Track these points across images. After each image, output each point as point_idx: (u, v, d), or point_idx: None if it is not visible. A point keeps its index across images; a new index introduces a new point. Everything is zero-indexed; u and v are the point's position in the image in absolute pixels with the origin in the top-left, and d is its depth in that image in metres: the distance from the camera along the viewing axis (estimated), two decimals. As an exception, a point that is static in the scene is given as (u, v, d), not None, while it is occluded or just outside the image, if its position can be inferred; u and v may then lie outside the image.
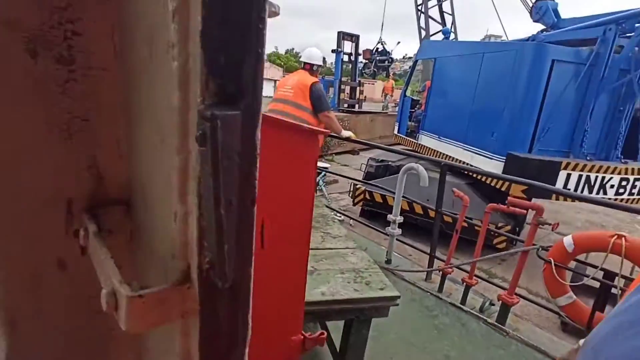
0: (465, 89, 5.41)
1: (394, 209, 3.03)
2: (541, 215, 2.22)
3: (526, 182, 2.48)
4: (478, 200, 4.88)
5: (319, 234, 1.92)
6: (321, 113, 3.47)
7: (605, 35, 4.29)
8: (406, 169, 2.84)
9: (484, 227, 2.54)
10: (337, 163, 10.48)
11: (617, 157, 4.74)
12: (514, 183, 3.79)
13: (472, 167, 4.74)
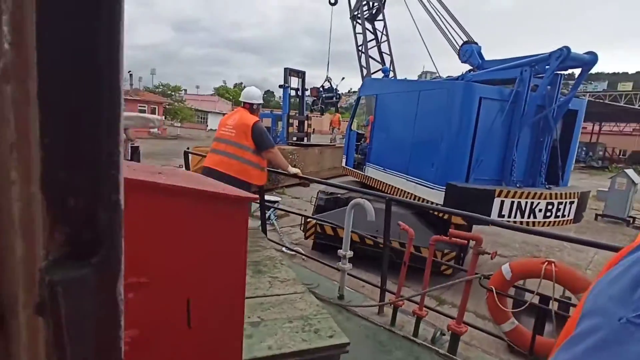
0: (406, 123, 5.68)
1: (344, 243, 3.02)
2: (480, 244, 2.31)
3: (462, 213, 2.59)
4: (424, 229, 5.04)
5: (266, 279, 1.84)
6: (265, 151, 3.45)
7: (522, 75, 4.76)
8: (353, 204, 2.87)
9: (429, 259, 2.59)
10: (288, 196, 10.42)
11: (542, 183, 5.15)
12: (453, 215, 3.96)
13: (414, 201, 4.91)
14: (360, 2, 12.40)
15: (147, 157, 15.89)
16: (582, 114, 5.53)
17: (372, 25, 12.76)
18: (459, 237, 2.39)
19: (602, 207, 10.92)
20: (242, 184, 3.42)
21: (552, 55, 4.52)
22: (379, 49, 12.60)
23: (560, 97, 4.99)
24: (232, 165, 3.38)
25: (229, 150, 3.40)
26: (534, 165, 5.17)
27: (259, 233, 2.34)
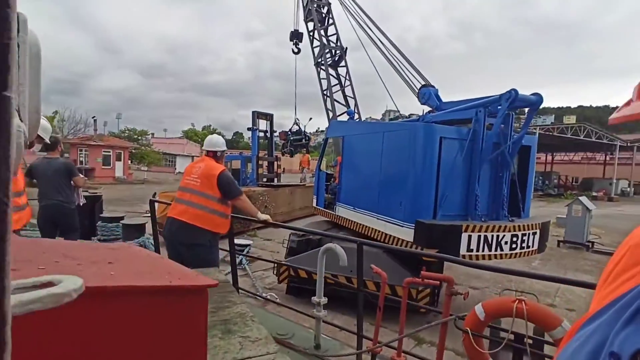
0: (372, 163, 5.81)
1: (317, 290, 2.95)
2: (452, 285, 2.32)
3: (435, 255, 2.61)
4: (397, 267, 5.03)
5: (236, 339, 1.74)
6: (233, 200, 3.40)
7: (477, 116, 5.05)
8: (325, 249, 2.83)
9: (404, 301, 2.56)
10: (259, 238, 10.20)
11: (505, 216, 5.34)
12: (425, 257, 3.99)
13: (385, 244, 4.92)
14: (323, 50, 13.04)
15: (111, 204, 15.25)
16: (534, 149, 5.89)
17: (336, 71, 13.39)
18: (431, 279, 2.39)
19: (562, 233, 11.40)
20: (207, 234, 3.32)
21: (502, 97, 4.85)
22: (343, 92, 13.17)
23: (514, 134, 5.31)
24: (197, 215, 3.30)
25: (194, 199, 3.33)
26: (496, 199, 5.37)
27: (228, 286, 2.24)
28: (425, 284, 2.41)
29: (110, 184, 26.09)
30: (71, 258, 0.64)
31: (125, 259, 0.77)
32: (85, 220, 6.25)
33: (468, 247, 4.77)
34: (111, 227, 5.65)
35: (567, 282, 2.04)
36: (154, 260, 0.83)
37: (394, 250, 4.90)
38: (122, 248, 0.92)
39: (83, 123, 29.20)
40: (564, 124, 28.81)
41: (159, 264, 0.82)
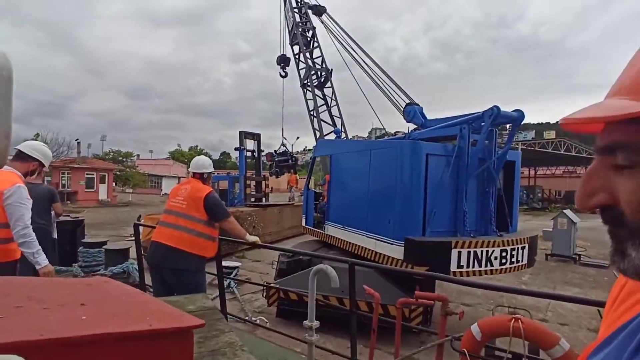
0: (360, 181, 5.81)
1: (309, 313, 2.86)
2: (447, 305, 2.28)
3: (427, 274, 2.57)
4: (389, 286, 4.97)
5: (225, 371, 1.66)
6: (221, 222, 3.32)
7: (462, 132, 5.12)
8: (315, 271, 2.76)
9: (398, 323, 2.50)
10: (248, 259, 10.01)
11: (494, 231, 5.35)
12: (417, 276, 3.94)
13: (377, 264, 4.86)
14: (308, 72, 13.32)
15: (94, 228, 14.87)
16: (519, 164, 5.98)
17: (322, 91, 13.65)
18: (425, 298, 2.34)
19: (549, 246, 11.51)
20: (193, 258, 3.22)
21: (485, 114, 4.94)
22: (329, 112, 13.41)
23: (498, 149, 5.39)
24: (182, 238, 3.20)
25: (180, 222, 3.24)
26: (484, 214, 5.39)
27: (216, 313, 2.14)
28: (419, 304, 2.35)
29: (93, 207, 25.49)
30: (37, 300, 0.57)
31: (101, 297, 0.70)
32: (66, 246, 6.04)
33: (458, 263, 4.74)
34: (93, 253, 5.44)
35: (560, 299, 2.01)
36: (134, 298, 0.76)
37: (385, 270, 4.83)
38: (98, 284, 0.85)
39: (66, 145, 28.69)
40: (545, 139, 29.59)
41: (139, 303, 0.75)
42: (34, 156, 3.32)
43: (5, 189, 2.84)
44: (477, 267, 4.89)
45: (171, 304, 2.41)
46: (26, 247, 2.82)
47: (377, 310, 2.71)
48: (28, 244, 2.82)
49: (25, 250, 2.83)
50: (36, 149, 3.37)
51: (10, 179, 2.95)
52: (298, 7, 14.18)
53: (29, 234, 2.83)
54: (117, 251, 5.46)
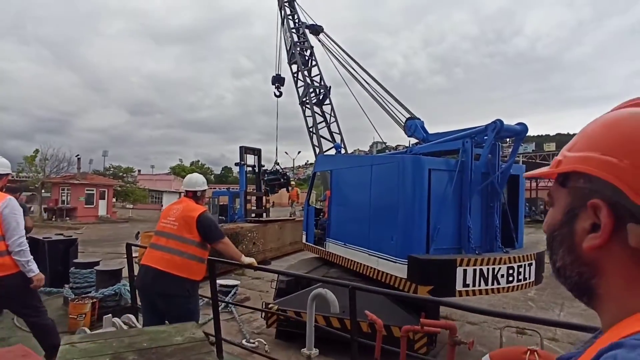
0: (362, 197, 5.67)
1: (307, 341, 2.69)
2: (455, 334, 2.11)
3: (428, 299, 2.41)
4: (393, 307, 4.78)
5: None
6: (215, 243, 3.17)
7: (464, 147, 5.01)
8: (314, 295, 2.61)
9: (403, 353, 2.33)
10: (247, 277, 9.78)
11: (499, 247, 5.18)
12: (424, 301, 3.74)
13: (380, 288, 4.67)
14: (307, 90, 13.43)
15: (92, 245, 14.69)
16: (523, 178, 5.84)
17: (321, 109, 13.79)
18: (431, 326, 2.18)
19: (554, 261, 11.27)
20: (185, 282, 3.06)
21: (488, 127, 4.83)
22: (328, 129, 13.52)
23: (502, 163, 5.26)
24: (173, 261, 3.03)
25: (171, 244, 3.08)
26: (489, 230, 5.23)
27: (205, 347, 1.99)
28: (425, 332, 2.19)
29: (93, 223, 25.31)
30: None
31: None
32: (58, 266, 5.88)
33: (464, 282, 4.56)
34: (85, 274, 5.26)
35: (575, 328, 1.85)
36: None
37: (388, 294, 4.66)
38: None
39: (67, 161, 28.62)
40: (545, 152, 29.58)
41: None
42: None
43: (1, 202, 3.03)
44: (484, 285, 4.71)
45: (159, 335, 2.24)
46: (21, 256, 3.01)
47: (380, 338, 2.54)
48: (23, 252, 3.02)
49: (20, 259, 3.01)
50: None
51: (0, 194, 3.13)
52: (296, 27, 14.39)
53: (24, 243, 3.04)
54: (108, 272, 5.29)
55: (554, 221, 0.58)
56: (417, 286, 4.52)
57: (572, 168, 0.54)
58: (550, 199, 0.61)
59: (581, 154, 0.54)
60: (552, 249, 0.59)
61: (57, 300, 5.60)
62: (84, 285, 5.22)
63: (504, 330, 5.05)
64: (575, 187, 0.54)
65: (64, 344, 1.94)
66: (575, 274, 0.55)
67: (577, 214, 0.53)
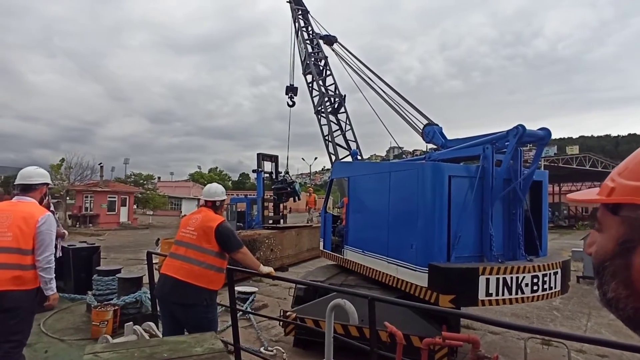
0: (380, 204, 5.61)
1: (326, 353, 2.65)
2: (478, 348, 2.04)
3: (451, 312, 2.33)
4: (413, 316, 4.69)
5: None
6: (233, 253, 3.17)
7: (485, 152, 4.90)
8: (333, 306, 2.57)
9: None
10: (265, 283, 9.79)
11: (523, 255, 5.03)
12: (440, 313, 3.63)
13: (401, 300, 4.61)
14: (322, 99, 13.55)
15: (114, 251, 15.01)
16: (546, 184, 5.68)
17: (336, 117, 13.89)
18: (453, 339, 2.12)
19: (580, 267, 10.88)
20: (203, 292, 3.07)
21: (509, 133, 4.72)
22: (344, 137, 13.62)
23: (524, 169, 5.12)
24: (192, 271, 3.05)
25: (190, 254, 3.10)
26: (512, 237, 5.09)
27: (224, 357, 1.98)
28: (446, 345, 2.12)
29: (114, 229, 25.91)
30: None
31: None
32: (81, 273, 6.02)
33: (487, 291, 4.43)
34: (107, 281, 5.37)
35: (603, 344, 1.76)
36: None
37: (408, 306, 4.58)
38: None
39: (90, 169, 29.50)
40: (569, 155, 28.74)
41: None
42: (40, 182, 3.43)
43: (40, 216, 3.10)
44: (507, 294, 4.56)
45: (179, 346, 2.24)
46: (47, 273, 3.03)
47: (401, 350, 2.48)
48: (50, 270, 3.05)
49: (45, 276, 3.02)
50: (38, 174, 3.45)
51: (40, 208, 3.23)
52: (310, 38, 14.62)
53: (52, 261, 3.09)
54: (129, 280, 5.39)
55: (605, 250, 0.55)
56: (438, 295, 4.42)
57: (629, 200, 0.51)
58: (597, 224, 0.57)
59: (638, 183, 0.51)
60: (602, 279, 0.56)
61: (80, 307, 5.73)
62: (106, 292, 5.33)
63: (528, 341, 4.87)
64: (632, 218, 0.51)
65: (87, 354, 1.97)
66: (631, 308, 0.52)
67: (634, 247, 0.50)
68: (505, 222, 5.11)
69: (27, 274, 2.98)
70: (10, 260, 2.94)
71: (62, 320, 4.94)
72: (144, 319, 4.62)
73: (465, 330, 6.02)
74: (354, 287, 5.46)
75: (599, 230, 0.57)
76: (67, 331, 4.91)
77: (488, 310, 6.94)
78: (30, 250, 3.01)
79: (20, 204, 3.17)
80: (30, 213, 3.08)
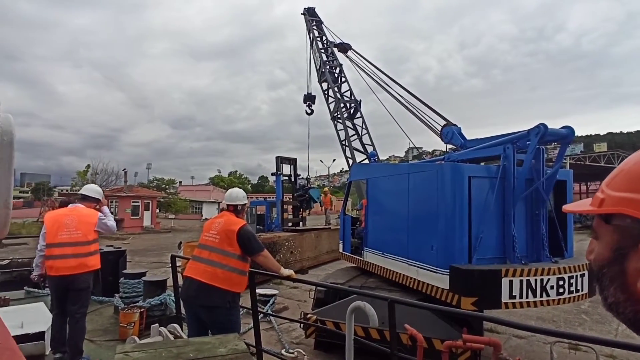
0: (399, 206, 5.60)
1: (347, 355, 2.68)
2: (500, 351, 2.03)
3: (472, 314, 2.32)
4: (434, 318, 4.66)
5: None
6: (254, 256, 3.24)
7: (506, 152, 4.83)
8: (353, 308, 2.60)
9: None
10: (285, 286, 9.88)
11: (547, 257, 4.92)
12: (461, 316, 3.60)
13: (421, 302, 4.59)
14: (338, 105, 13.75)
15: (138, 254, 15.43)
16: (571, 184, 5.54)
17: (352, 122, 14.08)
18: (474, 342, 2.11)
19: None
20: (227, 294, 3.15)
21: (530, 132, 4.64)
22: (360, 141, 13.80)
23: (547, 168, 5.02)
24: (216, 274, 3.14)
25: (213, 257, 3.19)
26: (535, 238, 4.99)
27: (246, 357, 2.04)
28: (467, 348, 2.12)
29: (138, 233, 26.62)
30: None
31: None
32: (109, 276, 6.23)
33: (510, 293, 4.36)
34: (133, 284, 5.56)
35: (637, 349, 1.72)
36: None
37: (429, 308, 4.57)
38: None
39: (115, 175, 30.47)
40: (596, 152, 27.78)
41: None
42: (95, 197, 4.52)
43: (99, 214, 4.40)
44: (532, 297, 4.48)
45: (204, 347, 2.32)
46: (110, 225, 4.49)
47: (421, 353, 2.48)
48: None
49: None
50: (96, 191, 4.58)
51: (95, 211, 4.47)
52: (324, 47, 14.93)
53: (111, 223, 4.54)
54: (154, 282, 5.55)
55: (602, 257, 0.58)
56: (460, 297, 4.38)
57: (617, 210, 0.55)
58: (594, 233, 0.61)
59: (625, 194, 0.54)
60: (602, 285, 0.59)
61: (108, 309, 5.94)
62: (132, 295, 5.51)
63: (554, 346, 4.75)
64: (622, 227, 0.55)
65: (118, 353, 2.06)
66: (630, 311, 0.55)
67: (627, 254, 0.54)
68: (528, 223, 5.02)
69: (90, 260, 4.13)
70: (80, 251, 4.06)
71: (92, 322, 5.12)
72: (168, 320, 4.76)
73: (489, 334, 5.92)
74: (374, 290, 5.47)
75: (596, 238, 0.61)
76: (97, 332, 5.09)
77: (512, 314, 6.79)
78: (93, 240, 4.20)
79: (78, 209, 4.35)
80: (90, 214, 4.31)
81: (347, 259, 7.34)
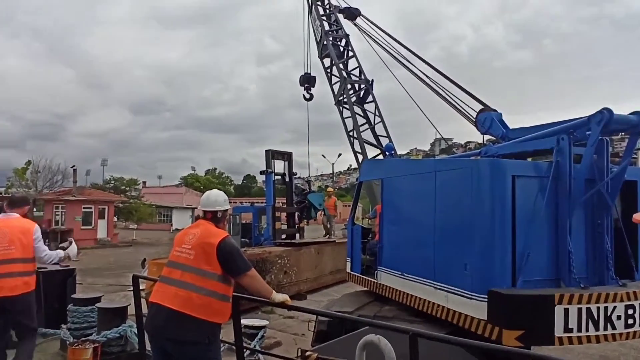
0: (423, 213, 5.62)
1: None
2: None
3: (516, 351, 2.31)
4: (466, 356, 4.67)
5: None
6: (239, 277, 3.25)
7: (560, 145, 4.84)
8: (364, 343, 2.62)
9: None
10: (278, 315, 9.93)
11: (613, 278, 4.94)
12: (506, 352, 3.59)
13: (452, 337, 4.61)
14: (344, 86, 13.47)
15: (91, 275, 15.49)
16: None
17: (362, 107, 13.84)
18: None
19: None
20: (204, 326, 3.15)
21: (591, 119, 4.65)
22: (372, 131, 13.54)
23: (612, 166, 5.03)
24: (190, 299, 3.12)
25: (186, 278, 3.18)
26: (597, 255, 5.01)
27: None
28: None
29: (91, 247, 26.74)
30: None
31: None
32: (54, 302, 6.25)
33: (566, 325, 4.39)
34: (85, 312, 5.56)
35: None
36: None
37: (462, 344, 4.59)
38: None
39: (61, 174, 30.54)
40: (675, 145, 27.70)
41: None
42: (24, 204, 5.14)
43: (33, 229, 4.83)
44: (593, 330, 4.51)
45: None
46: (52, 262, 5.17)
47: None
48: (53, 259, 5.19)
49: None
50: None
51: (30, 222, 4.99)
52: (326, 14, 14.67)
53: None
54: (112, 310, 5.57)
55: None
56: (501, 330, 4.41)
57: None
58: None
59: None
60: None
61: (53, 344, 5.95)
62: (83, 325, 5.52)
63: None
64: None
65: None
66: None
67: None
68: (588, 235, 5.04)
69: (31, 279, 4.62)
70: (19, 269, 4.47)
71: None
72: (129, 358, 4.77)
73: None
74: (390, 320, 5.49)
75: None
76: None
77: (568, 351, 6.80)
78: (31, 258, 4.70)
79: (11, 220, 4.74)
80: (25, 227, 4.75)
81: (357, 281, 7.37)
